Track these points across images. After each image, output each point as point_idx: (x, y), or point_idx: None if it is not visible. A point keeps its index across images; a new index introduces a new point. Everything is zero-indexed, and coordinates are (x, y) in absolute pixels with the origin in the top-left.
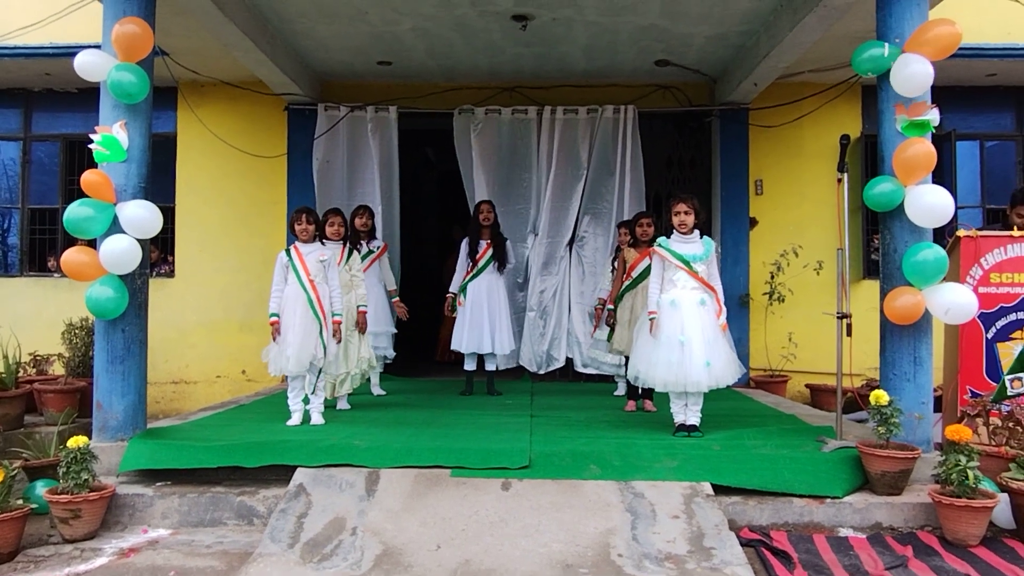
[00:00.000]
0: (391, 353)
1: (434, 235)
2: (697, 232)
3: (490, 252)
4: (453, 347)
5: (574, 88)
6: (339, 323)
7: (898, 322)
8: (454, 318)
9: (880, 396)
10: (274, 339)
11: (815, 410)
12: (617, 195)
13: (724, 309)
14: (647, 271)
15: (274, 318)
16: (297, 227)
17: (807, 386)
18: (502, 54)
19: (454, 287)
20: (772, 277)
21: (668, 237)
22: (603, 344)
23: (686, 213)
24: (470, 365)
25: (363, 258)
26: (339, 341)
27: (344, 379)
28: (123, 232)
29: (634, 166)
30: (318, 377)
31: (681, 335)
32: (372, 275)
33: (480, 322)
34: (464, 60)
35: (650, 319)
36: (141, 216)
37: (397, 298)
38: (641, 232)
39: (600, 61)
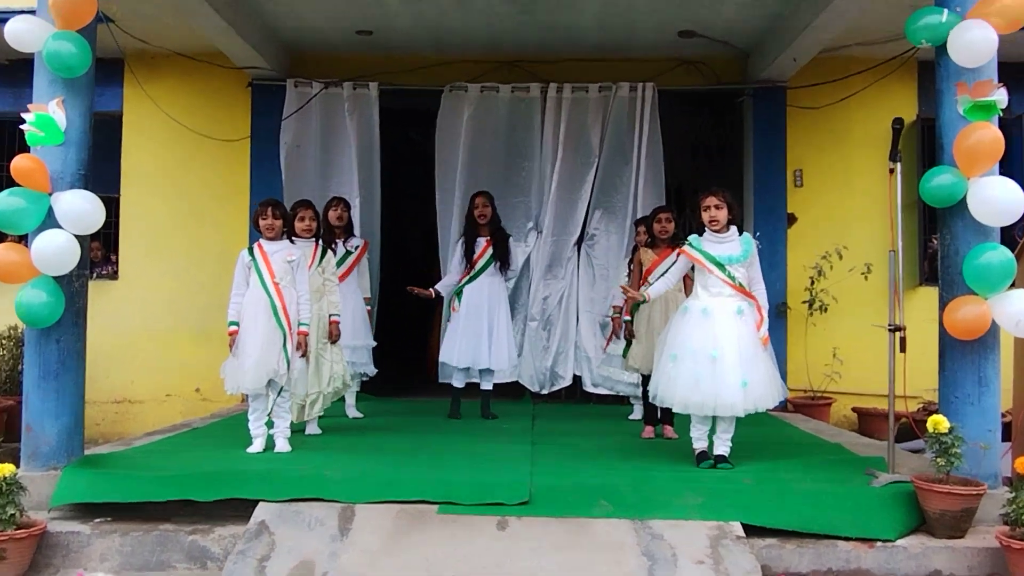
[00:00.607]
0: (371, 370)
1: (420, 229)
2: (734, 229)
3: (490, 251)
4: (443, 359)
5: (584, 63)
6: (306, 335)
7: (960, 336)
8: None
9: (939, 422)
10: (231, 351)
11: (863, 438)
12: (633, 187)
13: (766, 319)
14: None
15: (233, 327)
16: (261, 222)
17: (854, 410)
18: (501, 23)
19: (441, 287)
20: (812, 283)
21: (700, 235)
22: (618, 360)
23: (717, 208)
24: (458, 382)
25: (340, 261)
26: (304, 355)
27: (315, 399)
28: (59, 227)
29: (653, 153)
30: (279, 395)
31: (713, 349)
32: (351, 279)
33: (477, 332)
34: (457, 29)
35: (639, 294)
36: (80, 208)
37: (369, 308)
38: (659, 229)
39: (614, 32)
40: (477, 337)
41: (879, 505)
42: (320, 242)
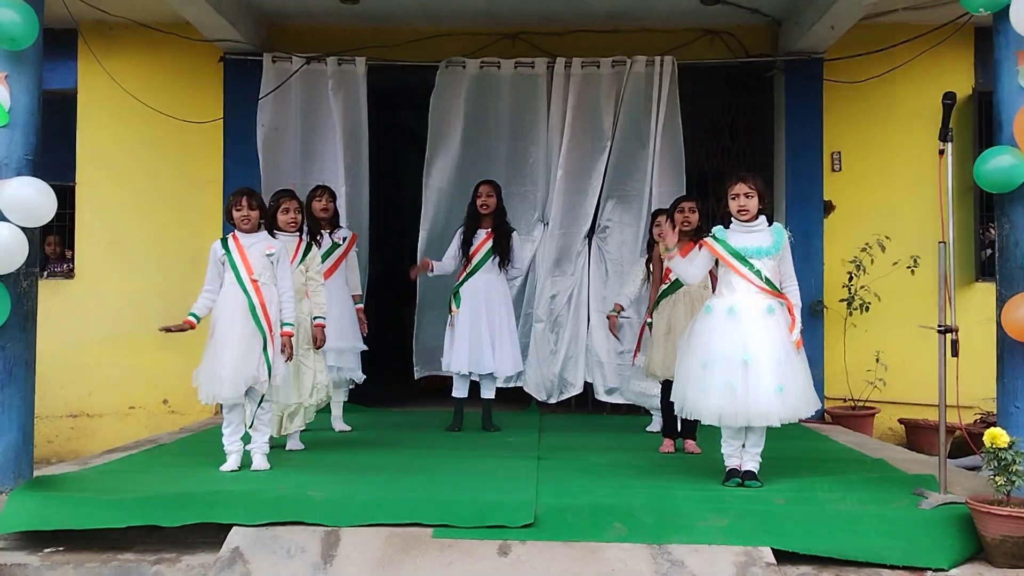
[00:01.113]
0: (359, 376)
1: (409, 222)
2: (763, 219)
3: (490, 243)
4: (445, 368)
5: (595, 34)
6: (290, 335)
7: (1020, 338)
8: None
9: (997, 436)
10: (167, 330)
11: (911, 453)
12: (650, 173)
13: (799, 320)
14: None
15: (190, 318)
16: (235, 213)
17: (900, 422)
18: None
19: (438, 268)
20: (851, 278)
21: (726, 227)
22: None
23: (747, 195)
24: (460, 391)
25: (327, 254)
26: (289, 359)
27: (295, 412)
28: (4, 219)
29: (672, 135)
30: (259, 406)
31: (744, 353)
32: (338, 275)
33: (478, 334)
34: None
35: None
36: (27, 198)
37: (360, 305)
38: (682, 220)
39: None
40: (478, 340)
41: (929, 529)
42: (304, 236)
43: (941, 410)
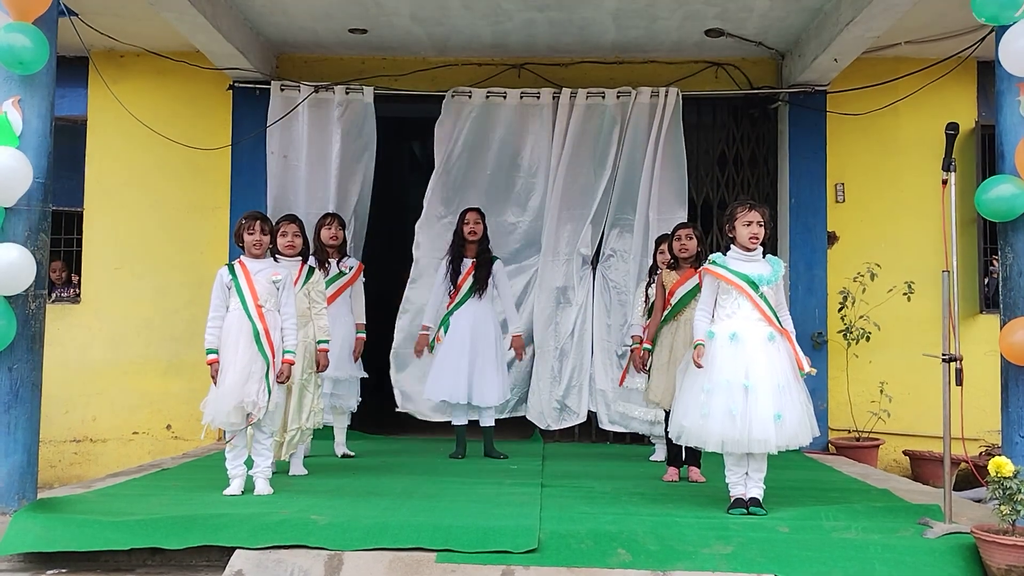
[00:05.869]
0: (353, 405)
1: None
2: (761, 249)
3: (474, 274)
4: (427, 395)
5: (601, 65)
6: (291, 363)
7: (1019, 362)
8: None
9: (1001, 465)
10: (215, 382)
11: (915, 484)
12: (654, 203)
13: (798, 348)
14: (689, 297)
15: (212, 356)
16: (247, 237)
17: (905, 453)
18: (509, 20)
19: (428, 319)
20: (841, 308)
21: (724, 254)
22: (637, 395)
23: (759, 224)
24: (460, 419)
25: (331, 281)
26: (283, 382)
27: (295, 436)
28: (12, 240)
29: (676, 165)
30: (259, 431)
31: (745, 379)
32: (342, 304)
33: (458, 363)
34: (461, 28)
35: (695, 346)
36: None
37: (362, 335)
38: (678, 248)
39: (634, 30)
40: (457, 369)
41: (934, 559)
42: (305, 261)
43: (946, 437)
